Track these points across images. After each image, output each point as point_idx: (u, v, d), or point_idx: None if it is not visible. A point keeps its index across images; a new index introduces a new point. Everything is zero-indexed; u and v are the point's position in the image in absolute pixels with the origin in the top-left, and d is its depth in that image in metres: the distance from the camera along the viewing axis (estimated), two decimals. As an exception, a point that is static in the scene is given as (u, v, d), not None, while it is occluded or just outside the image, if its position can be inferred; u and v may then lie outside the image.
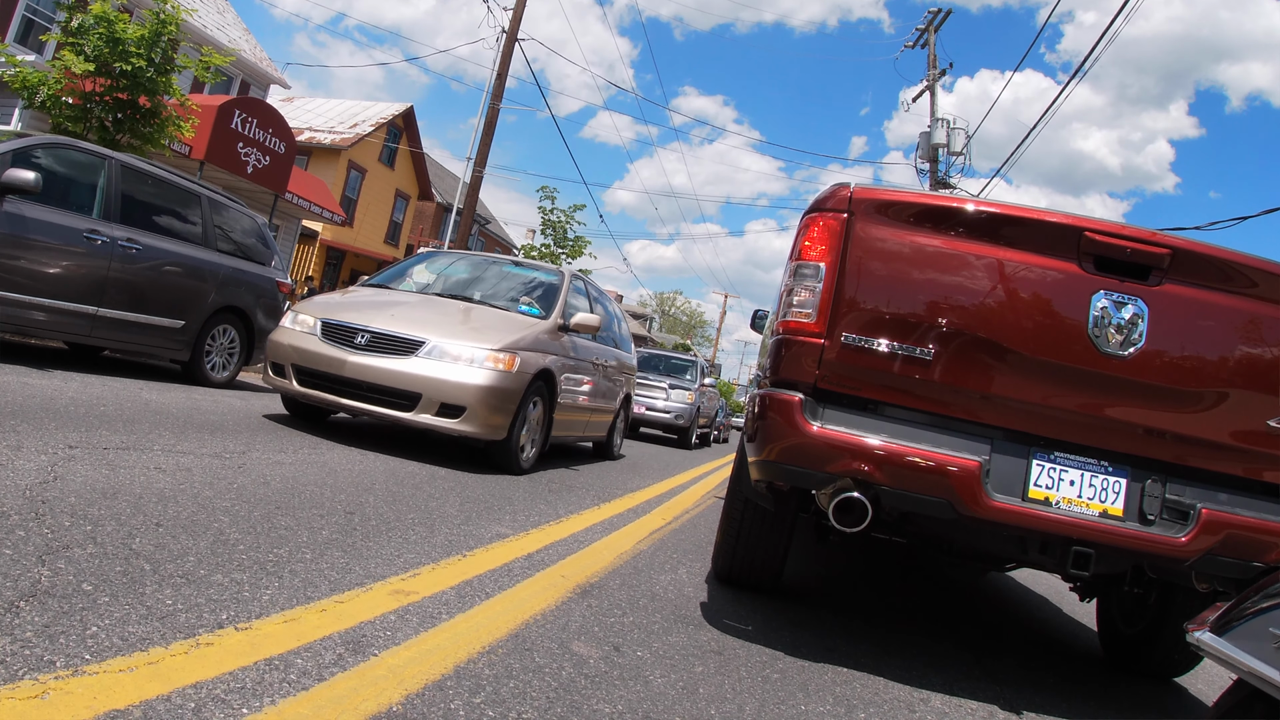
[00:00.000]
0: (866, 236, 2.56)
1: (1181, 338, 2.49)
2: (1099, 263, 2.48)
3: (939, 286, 2.53)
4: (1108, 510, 2.42)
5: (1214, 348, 2.52)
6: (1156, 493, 2.44)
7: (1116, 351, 2.44)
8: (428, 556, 2.74)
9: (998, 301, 2.51)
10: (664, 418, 13.14)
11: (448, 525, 3.30)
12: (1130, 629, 3.38)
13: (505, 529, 3.47)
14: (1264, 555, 2.38)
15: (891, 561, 5.25)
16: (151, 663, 1.57)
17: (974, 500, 2.36)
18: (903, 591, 4.48)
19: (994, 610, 4.45)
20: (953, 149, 20.27)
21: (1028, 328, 2.49)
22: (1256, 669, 1.54)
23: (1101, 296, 2.45)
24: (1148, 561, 2.52)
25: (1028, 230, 2.54)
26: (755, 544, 3.20)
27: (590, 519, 4.19)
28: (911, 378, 2.50)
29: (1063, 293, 2.48)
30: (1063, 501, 2.43)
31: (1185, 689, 3.37)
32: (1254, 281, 2.51)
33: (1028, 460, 2.46)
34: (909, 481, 2.40)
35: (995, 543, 2.72)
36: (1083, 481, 2.45)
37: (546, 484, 5.17)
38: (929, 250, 2.55)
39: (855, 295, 2.54)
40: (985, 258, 2.53)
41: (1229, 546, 2.37)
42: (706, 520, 5.27)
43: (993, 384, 2.50)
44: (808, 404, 2.50)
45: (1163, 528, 2.40)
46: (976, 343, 2.50)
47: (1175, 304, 2.47)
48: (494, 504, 4.02)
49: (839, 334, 2.53)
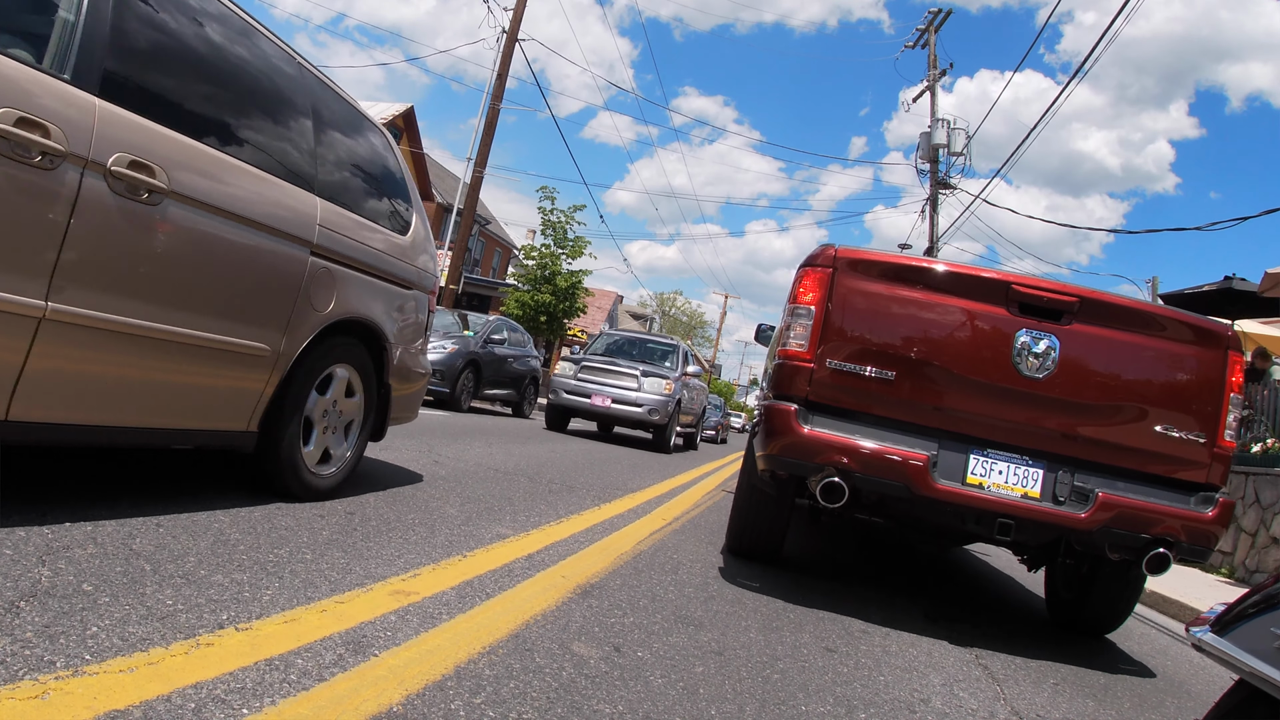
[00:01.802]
0: (846, 286, 3.35)
1: (1085, 364, 3.26)
2: (1022, 308, 3.27)
3: (900, 324, 3.33)
4: (1028, 493, 3.19)
5: (1110, 371, 3.29)
6: (1066, 480, 3.19)
7: (1034, 374, 3.22)
8: (428, 557, 2.74)
9: (944, 336, 3.31)
10: (633, 412, 10.91)
11: (448, 526, 3.30)
12: (1069, 594, 4.11)
13: (506, 529, 3.46)
14: (1149, 529, 3.11)
15: (868, 541, 5.93)
16: (152, 663, 1.57)
17: (924, 484, 3.13)
18: (876, 561, 5.41)
19: (955, 577, 5.24)
20: (953, 149, 20.29)
21: (967, 356, 3.27)
22: (1258, 669, 1.55)
23: (1023, 333, 3.24)
24: (1060, 533, 3.25)
25: (968, 283, 3.34)
26: (761, 522, 4.00)
27: (590, 519, 4.19)
28: (879, 393, 3.28)
29: (993, 330, 3.27)
30: (993, 486, 3.20)
31: (1114, 644, 4.04)
32: (1147, 322, 3.32)
33: (966, 455, 3.23)
34: (876, 470, 3.15)
35: (943, 516, 3.41)
36: (1009, 472, 3.22)
37: (547, 485, 5.17)
38: (893, 297, 3.34)
39: (837, 331, 3.34)
40: (936, 303, 3.33)
41: (1120, 521, 3.11)
42: (707, 521, 5.27)
43: (940, 398, 3.28)
44: (801, 412, 3.27)
45: (1070, 506, 3.15)
46: (928, 367, 3.28)
47: (1080, 339, 3.24)
48: (494, 505, 4.02)
49: (825, 360, 3.32)
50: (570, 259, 23.26)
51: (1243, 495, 8.18)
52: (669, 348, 13.20)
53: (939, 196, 20.72)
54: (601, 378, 11.22)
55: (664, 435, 11.30)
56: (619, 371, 11.23)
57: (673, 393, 11.19)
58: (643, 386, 11.02)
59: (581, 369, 11.41)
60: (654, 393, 11.02)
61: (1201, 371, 3.29)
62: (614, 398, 10.97)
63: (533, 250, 23.65)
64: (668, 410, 11.03)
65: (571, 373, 11.41)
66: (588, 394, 11.08)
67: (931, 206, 20.68)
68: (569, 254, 23.14)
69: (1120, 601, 3.84)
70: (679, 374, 11.90)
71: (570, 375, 11.38)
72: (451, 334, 11.83)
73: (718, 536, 4.69)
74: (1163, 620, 5.35)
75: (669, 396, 11.11)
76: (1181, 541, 3.14)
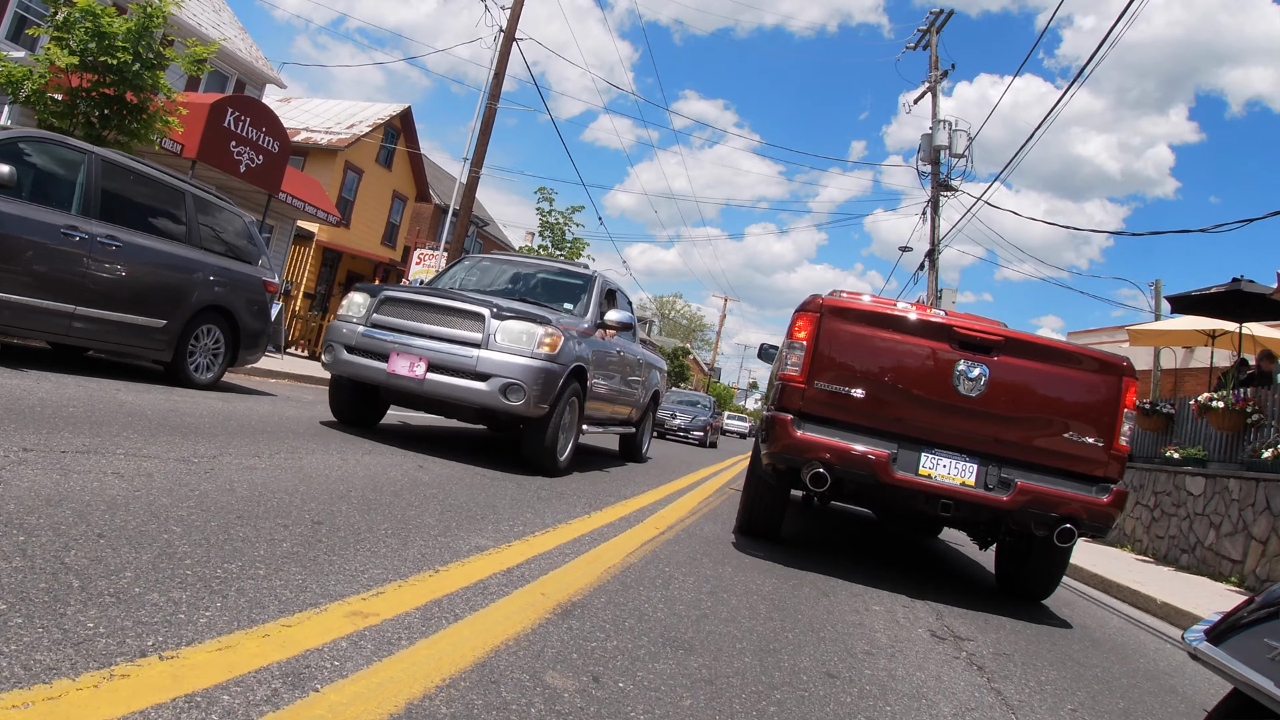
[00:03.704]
0: (830, 327, 4.40)
1: (1009, 386, 4.25)
2: (961, 343, 4.28)
3: (870, 355, 4.36)
4: (965, 482, 4.17)
5: (1031, 392, 4.29)
6: (994, 473, 4.17)
7: (969, 394, 4.23)
8: (396, 572, 2.53)
9: (903, 365, 4.32)
10: (472, 390, 5.40)
11: (423, 536, 3.09)
12: (1011, 567, 5.15)
13: (486, 540, 3.25)
14: (1058, 509, 4.07)
15: (855, 530, 5.57)
16: (52, 698, 1.36)
17: (887, 474, 4.13)
18: (858, 540, 5.75)
19: (926, 560, 5.54)
20: (954, 151, 20.07)
21: (919, 379, 4.29)
22: (1251, 680, 1.55)
23: (962, 363, 4.25)
24: (990, 513, 4.20)
25: (921, 326, 4.39)
26: (764, 506, 5.05)
27: (579, 529, 3.98)
28: (854, 407, 4.31)
29: (939, 360, 4.27)
30: (939, 476, 4.18)
31: (1047, 607, 5.04)
32: (1058, 356, 4.31)
33: (919, 453, 4.22)
34: (851, 463, 4.16)
35: (901, 499, 4.41)
36: (950, 466, 4.20)
37: (535, 490, 4.96)
38: (865, 335, 4.38)
39: (823, 360, 4.37)
40: (897, 340, 4.35)
41: (1036, 503, 4.07)
42: (702, 530, 5.06)
43: (899, 411, 4.30)
44: (795, 421, 4.31)
45: (996, 491, 4.13)
46: (891, 387, 4.31)
47: (1006, 368, 4.25)
48: (477, 513, 3.81)
49: (814, 382, 4.36)
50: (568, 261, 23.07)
51: (1253, 502, 7.97)
52: (576, 282, 7.37)
53: (940, 198, 20.53)
54: (415, 322, 5.68)
55: (539, 439, 5.71)
56: (446, 313, 5.67)
57: (558, 354, 5.60)
58: (493, 340, 5.50)
59: (382, 305, 5.84)
60: (514, 353, 5.46)
61: (1102, 393, 4.22)
62: (433, 361, 5.48)
63: (530, 252, 23.44)
64: (541, 389, 5.48)
65: (361, 313, 5.86)
66: (383, 353, 5.58)
67: (933, 208, 20.47)
68: (567, 255, 22.93)
69: (1053, 571, 4.86)
70: (588, 323, 6.57)
71: (358, 318, 5.85)
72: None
73: (713, 546, 4.49)
74: (1176, 633, 5.15)
75: (549, 362, 5.54)
76: (1084, 519, 4.06)
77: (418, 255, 21.28)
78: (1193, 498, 9.21)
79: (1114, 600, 6.40)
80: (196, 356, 6.87)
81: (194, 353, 6.84)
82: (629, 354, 7.83)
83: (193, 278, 6.63)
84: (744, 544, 4.90)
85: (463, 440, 7.24)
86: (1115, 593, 6.67)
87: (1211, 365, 14.16)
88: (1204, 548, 8.75)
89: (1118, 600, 6.43)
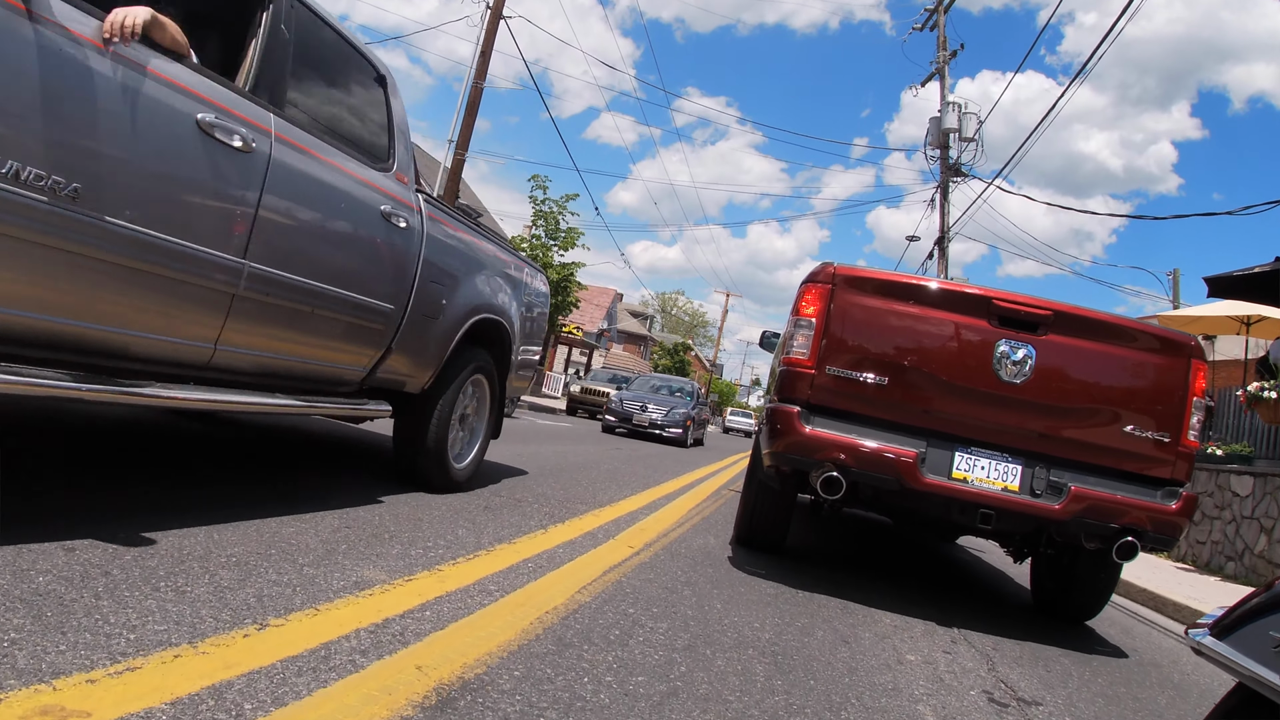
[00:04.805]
0: (844, 301, 3.62)
1: (1060, 371, 3.54)
2: (1001, 320, 3.54)
3: (893, 335, 3.61)
4: (1007, 487, 3.45)
5: (1085, 378, 3.59)
6: (1042, 476, 3.45)
7: (1013, 380, 3.49)
8: (193, 630, 1.64)
9: (932, 346, 3.58)
10: None
11: (286, 566, 2.20)
12: (1052, 583, 4.38)
13: (376, 573, 2.35)
14: (1118, 519, 3.36)
15: (871, 540, 5.83)
16: None
17: (913, 478, 3.38)
18: (876, 553, 5.58)
19: (950, 572, 5.37)
20: (964, 134, 19.13)
21: (952, 363, 3.56)
22: (1257, 673, 1.53)
23: (1003, 343, 3.51)
24: (1037, 523, 3.48)
25: (953, 298, 3.63)
26: (766, 514, 4.30)
27: (524, 550, 3.08)
28: (874, 397, 3.55)
29: (976, 340, 3.55)
30: (976, 480, 3.46)
31: (1093, 629, 4.25)
32: (1115, 333, 3.59)
33: (952, 453, 3.49)
34: (870, 465, 3.41)
35: (931, 508, 3.66)
36: (990, 467, 3.48)
37: (488, 496, 4.07)
38: (886, 311, 3.62)
39: (836, 341, 3.61)
40: (925, 316, 3.60)
41: (1092, 512, 3.37)
42: (690, 546, 4.15)
43: (928, 401, 3.55)
44: (803, 414, 3.53)
45: (1045, 499, 3.41)
46: (918, 374, 3.56)
47: (1056, 348, 3.53)
48: (387, 530, 2.91)
49: (825, 366, 3.59)
50: (562, 251, 22.17)
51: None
52: None
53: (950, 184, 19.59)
54: None
55: None
56: None
57: None
58: None
59: None
60: None
61: (1166, 378, 3.56)
62: None
63: (522, 242, 22.57)
64: None
65: None
66: None
67: (942, 194, 19.50)
68: (561, 245, 22.06)
69: (1099, 589, 4.11)
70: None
71: None
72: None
73: (700, 568, 3.59)
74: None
75: None
76: (1148, 531, 3.39)
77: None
78: (1239, 499, 8.31)
79: (1169, 621, 5.49)
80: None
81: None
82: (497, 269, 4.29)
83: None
84: (742, 559, 4.08)
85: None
86: (1170, 612, 5.75)
87: (1246, 355, 13.25)
88: (1253, 554, 7.86)
89: (1173, 621, 5.52)
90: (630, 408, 15.55)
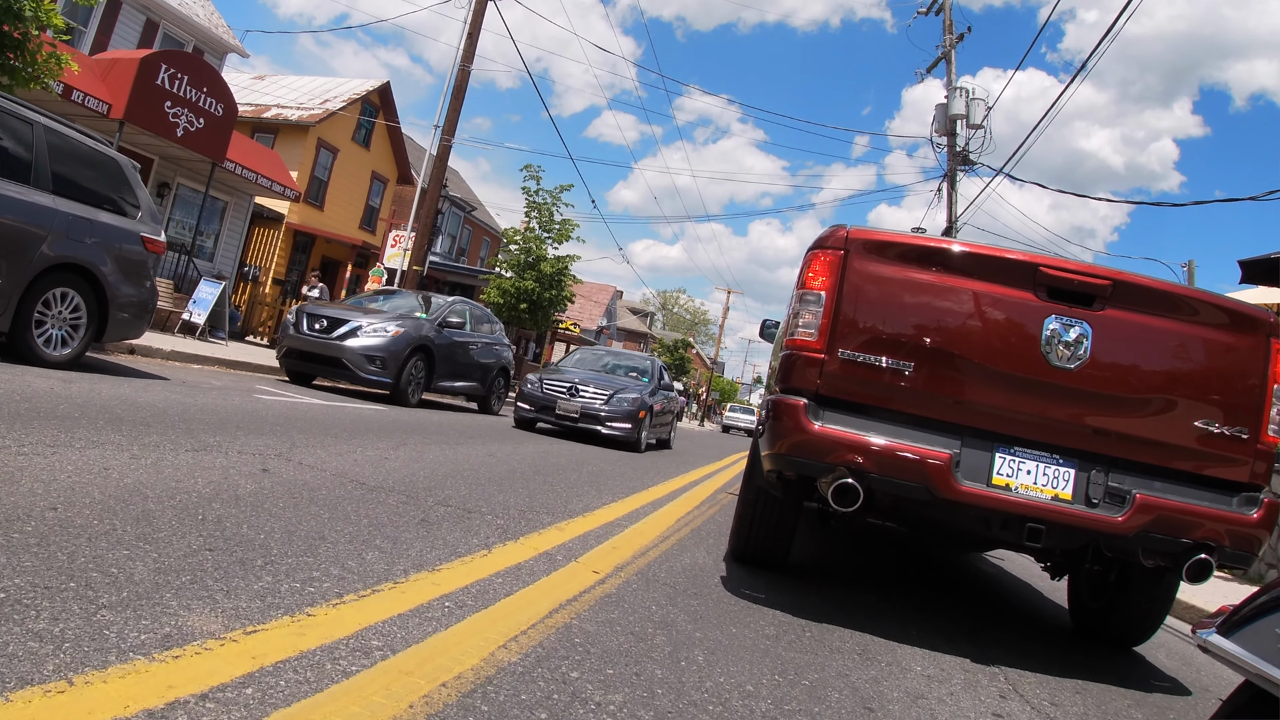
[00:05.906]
0: (860, 270, 3.06)
1: (1120, 353, 2.98)
2: (1051, 292, 2.97)
3: (919, 311, 3.03)
4: (1058, 495, 2.90)
5: (1148, 361, 3.03)
6: (1100, 481, 2.91)
7: (1065, 365, 2.92)
8: None
9: (967, 324, 3.02)
10: None
11: (112, 603, 1.54)
12: (1095, 603, 3.81)
13: (211, 617, 1.69)
14: (1190, 533, 2.83)
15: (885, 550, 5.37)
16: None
17: (946, 486, 2.83)
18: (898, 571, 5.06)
19: (975, 589, 4.75)
20: (972, 120, 18.44)
21: (991, 345, 2.99)
22: (1263, 670, 1.53)
23: (1052, 320, 2.94)
24: (1094, 538, 2.95)
25: (992, 266, 3.05)
26: (766, 525, 3.69)
27: (447, 583, 2.40)
28: (896, 386, 2.99)
29: (1020, 316, 2.98)
30: (1020, 487, 2.91)
31: (1143, 656, 3.72)
32: (1182, 307, 3.03)
33: (991, 454, 2.94)
34: (893, 470, 2.87)
35: (965, 521, 3.19)
36: (1037, 471, 2.93)
37: (426, 511, 3.41)
38: (910, 282, 3.05)
39: (850, 318, 3.04)
40: (957, 288, 3.03)
41: (1160, 525, 2.82)
42: (674, 566, 3.49)
43: (963, 391, 3.00)
44: (811, 407, 2.98)
45: (1104, 509, 2.87)
46: (949, 358, 3.00)
47: (1115, 326, 2.96)
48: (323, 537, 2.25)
49: (837, 350, 3.02)
50: (556, 243, 21.49)
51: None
52: None
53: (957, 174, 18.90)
54: None
55: None
56: None
57: None
58: None
59: None
60: None
61: (1242, 361, 3.01)
62: None
63: (516, 234, 21.90)
64: None
65: None
66: None
67: (949, 183, 18.80)
68: (555, 238, 21.38)
69: (1152, 611, 3.56)
70: None
71: None
72: (404, 316, 10.02)
73: (681, 599, 2.94)
74: None
75: None
76: (1225, 546, 2.86)
77: (392, 237, 19.73)
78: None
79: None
80: (47, 327, 5.53)
81: (43, 322, 5.49)
82: None
83: (35, 227, 5.22)
84: (737, 579, 3.49)
85: (357, 439, 5.71)
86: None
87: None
88: (1301, 562, 7.21)
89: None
90: (553, 391, 9.90)
